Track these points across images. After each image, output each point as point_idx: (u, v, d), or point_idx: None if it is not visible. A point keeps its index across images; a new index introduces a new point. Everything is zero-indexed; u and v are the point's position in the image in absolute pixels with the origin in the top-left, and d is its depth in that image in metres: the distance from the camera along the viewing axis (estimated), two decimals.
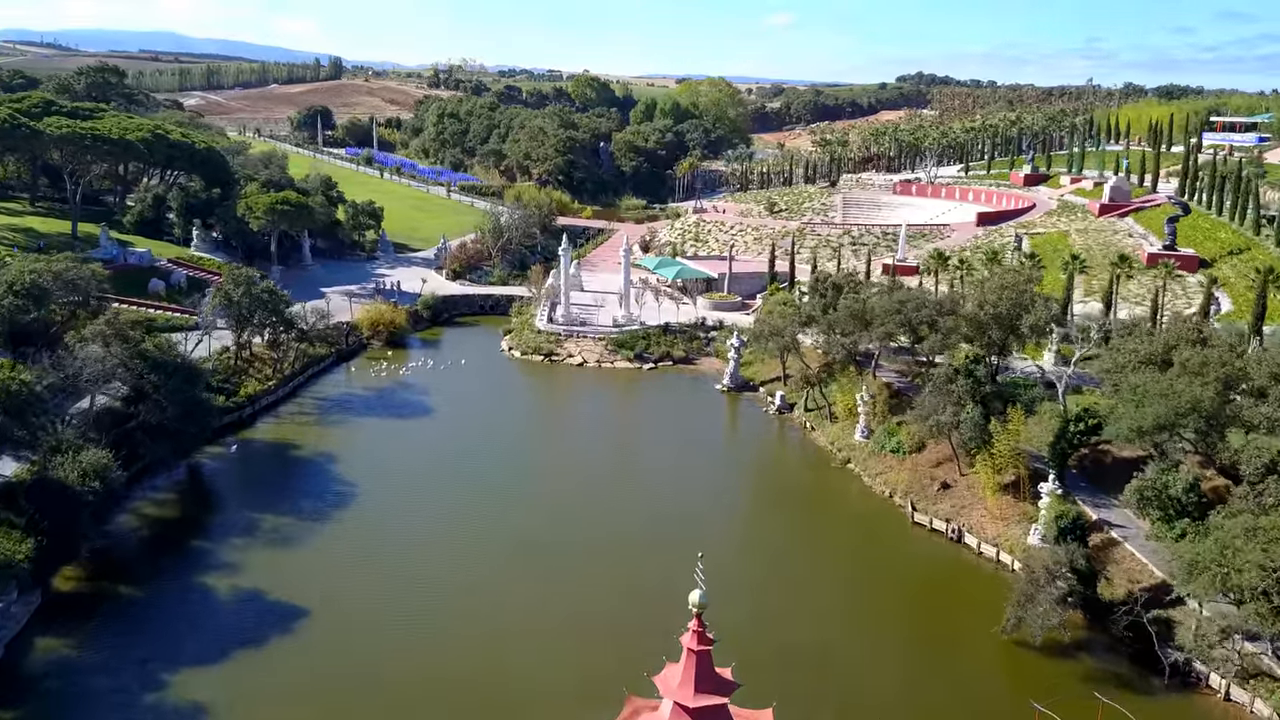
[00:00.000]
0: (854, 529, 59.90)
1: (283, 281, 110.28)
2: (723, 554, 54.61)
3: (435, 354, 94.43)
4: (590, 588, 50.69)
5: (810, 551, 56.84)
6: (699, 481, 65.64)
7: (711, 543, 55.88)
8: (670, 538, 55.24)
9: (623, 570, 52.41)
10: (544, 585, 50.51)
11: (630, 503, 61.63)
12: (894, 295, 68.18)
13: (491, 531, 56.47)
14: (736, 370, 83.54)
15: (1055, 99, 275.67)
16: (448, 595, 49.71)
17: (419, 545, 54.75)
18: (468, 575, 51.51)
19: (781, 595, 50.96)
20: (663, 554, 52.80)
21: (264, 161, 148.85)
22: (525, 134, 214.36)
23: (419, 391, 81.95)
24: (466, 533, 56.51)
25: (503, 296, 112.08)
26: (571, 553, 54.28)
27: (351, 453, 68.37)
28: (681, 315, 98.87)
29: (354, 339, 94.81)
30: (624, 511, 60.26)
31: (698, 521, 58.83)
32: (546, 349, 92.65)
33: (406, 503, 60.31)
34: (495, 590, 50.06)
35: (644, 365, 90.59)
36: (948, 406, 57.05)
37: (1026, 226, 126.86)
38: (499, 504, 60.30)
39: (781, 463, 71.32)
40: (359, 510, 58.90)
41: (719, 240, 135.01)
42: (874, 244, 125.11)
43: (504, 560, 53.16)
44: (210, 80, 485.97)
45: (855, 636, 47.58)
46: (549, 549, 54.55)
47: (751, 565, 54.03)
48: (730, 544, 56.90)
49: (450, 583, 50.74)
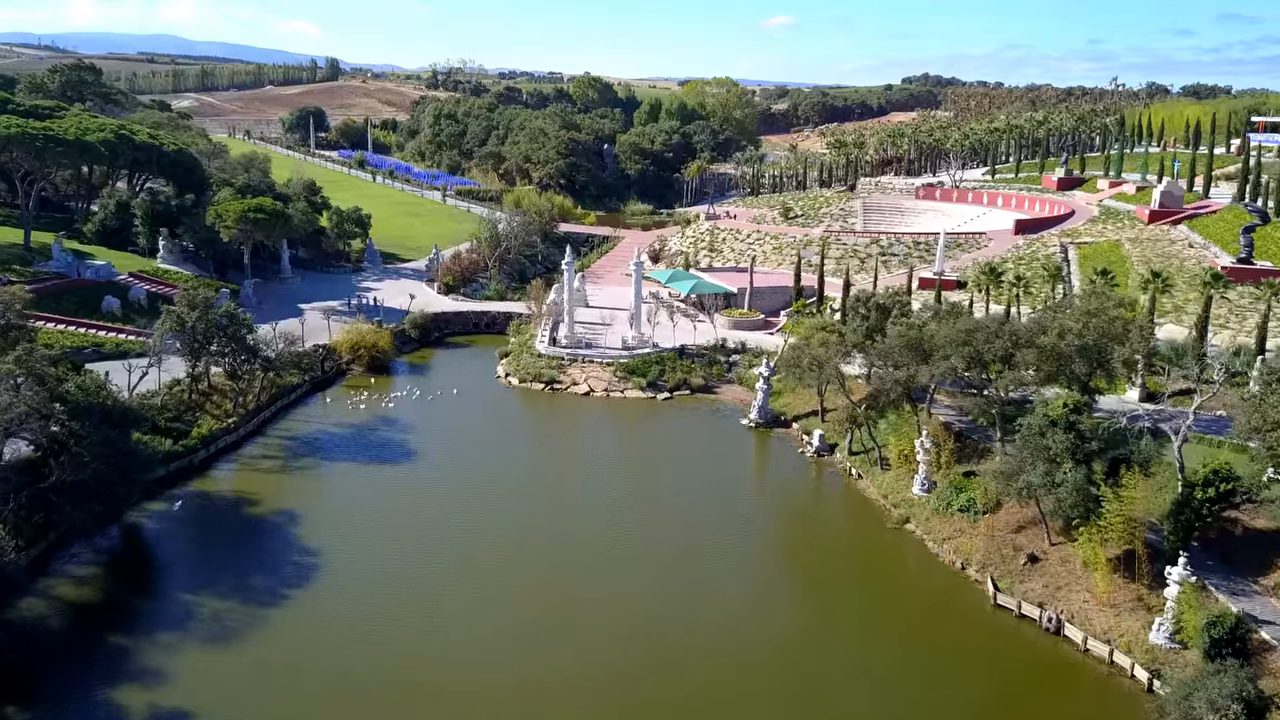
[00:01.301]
0: (920, 608, 49.27)
1: (257, 296, 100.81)
2: (760, 640, 44.19)
3: (423, 381, 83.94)
4: (599, 695, 40.30)
5: (866, 636, 46.19)
6: (727, 545, 55.05)
7: (745, 625, 45.49)
8: (698, 627, 44.90)
9: (640, 673, 41.97)
10: (546, 687, 40.12)
11: (647, 582, 50.96)
12: (958, 323, 57.59)
13: (482, 620, 45.95)
14: (766, 403, 73.04)
15: (1075, 99, 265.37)
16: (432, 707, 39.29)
17: (394, 638, 44.21)
18: (458, 678, 41.07)
19: (834, 692, 40.56)
20: (689, 657, 42.48)
21: (244, 165, 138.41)
22: (525, 135, 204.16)
23: (402, 428, 71.47)
24: (451, 620, 45.96)
25: (499, 314, 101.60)
26: (577, 650, 43.78)
27: (319, 509, 57.90)
28: (699, 335, 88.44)
29: (331, 364, 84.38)
30: (639, 594, 49.70)
31: (725, 598, 48.37)
32: (548, 376, 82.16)
33: (380, 579, 49.73)
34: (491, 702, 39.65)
35: (658, 395, 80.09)
36: (1040, 464, 46.59)
37: (1071, 235, 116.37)
38: (490, 583, 49.74)
39: (825, 520, 60.50)
40: (322, 590, 48.36)
41: (734, 250, 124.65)
42: (905, 254, 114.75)
43: (502, 661, 42.66)
44: (204, 82, 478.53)
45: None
46: (550, 645, 44.09)
47: (796, 654, 43.50)
48: (769, 629, 46.18)
49: (435, 689, 40.28)
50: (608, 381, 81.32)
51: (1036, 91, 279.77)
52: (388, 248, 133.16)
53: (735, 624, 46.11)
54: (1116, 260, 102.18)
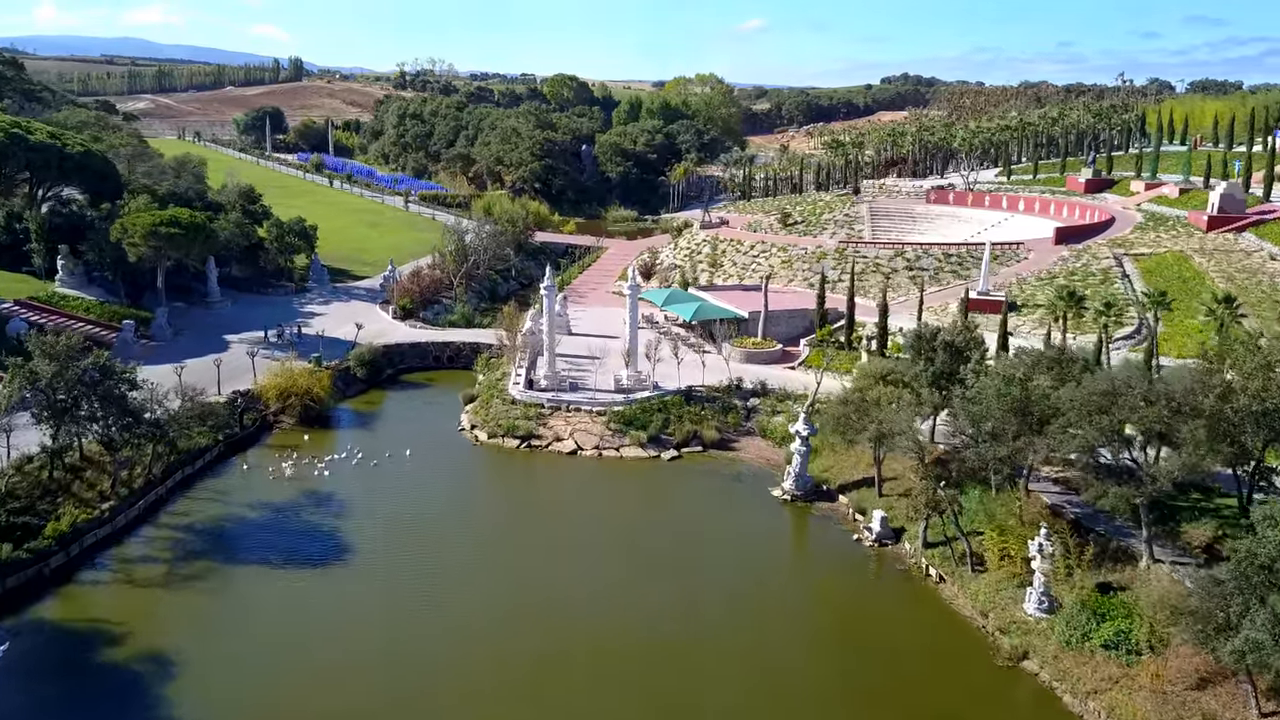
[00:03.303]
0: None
1: (175, 326, 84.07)
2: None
3: (368, 437, 67.52)
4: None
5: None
6: (767, 690, 39.22)
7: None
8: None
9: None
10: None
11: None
12: (1088, 381, 42.04)
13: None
14: (804, 469, 57.27)
15: (1074, 96, 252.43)
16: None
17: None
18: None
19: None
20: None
21: (175, 169, 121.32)
22: (496, 136, 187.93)
23: (336, 510, 55.11)
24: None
25: (464, 345, 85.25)
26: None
27: (208, 647, 41.52)
28: (708, 372, 72.62)
29: (254, 416, 67.89)
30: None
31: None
32: (524, 429, 65.99)
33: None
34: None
35: (662, 454, 64.21)
36: (1260, 611, 31.22)
37: (1123, 245, 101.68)
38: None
39: (903, 648, 43.78)
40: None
41: (737, 264, 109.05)
42: (935, 267, 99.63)
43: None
44: (162, 83, 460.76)
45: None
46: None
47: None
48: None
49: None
50: (599, 436, 65.29)
51: (1034, 89, 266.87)
52: (340, 263, 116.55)
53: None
54: (1190, 276, 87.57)
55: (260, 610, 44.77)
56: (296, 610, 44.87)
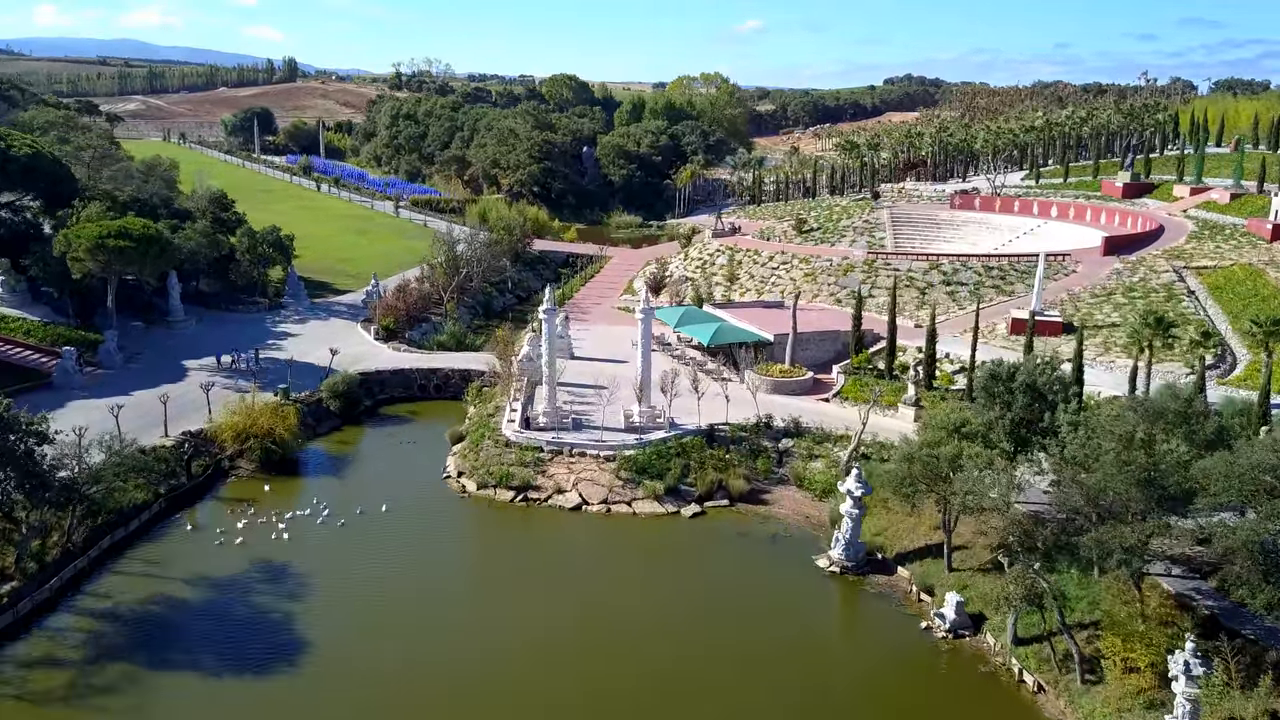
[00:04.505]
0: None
1: (128, 351, 74.65)
2: None
3: (339, 487, 57.98)
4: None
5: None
6: None
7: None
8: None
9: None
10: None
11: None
12: (1245, 452, 32.62)
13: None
14: (856, 534, 47.75)
15: (1093, 96, 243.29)
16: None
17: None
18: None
19: None
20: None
21: (144, 172, 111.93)
22: (493, 137, 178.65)
23: (295, 586, 45.57)
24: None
25: (453, 371, 75.62)
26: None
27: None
28: (732, 406, 62.96)
29: (206, 462, 58.36)
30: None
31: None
32: (520, 478, 56.43)
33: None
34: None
35: (683, 509, 54.71)
36: None
37: (1182, 257, 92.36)
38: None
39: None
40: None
41: (755, 276, 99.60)
42: (975, 281, 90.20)
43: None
44: (153, 84, 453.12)
45: None
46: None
47: None
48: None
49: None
50: (607, 487, 55.74)
51: (1050, 89, 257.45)
52: (321, 275, 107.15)
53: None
54: (1268, 293, 78.20)
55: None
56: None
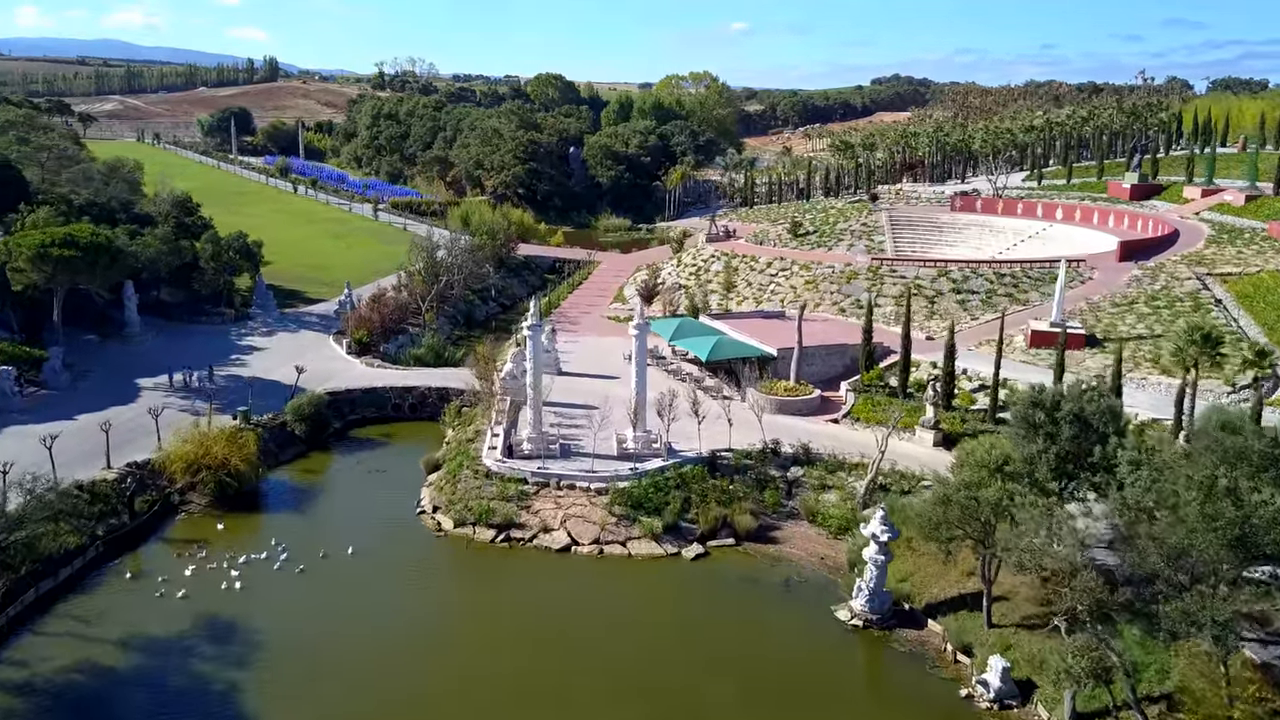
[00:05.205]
0: None
1: (77, 370, 68.63)
2: None
3: (301, 525, 52.18)
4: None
5: None
6: None
7: None
8: None
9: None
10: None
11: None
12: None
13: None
14: (880, 583, 42.27)
15: (1086, 95, 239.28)
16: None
17: None
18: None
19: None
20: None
21: (106, 175, 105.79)
22: (476, 137, 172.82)
23: (245, 648, 39.77)
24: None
25: (430, 390, 69.80)
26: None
27: None
28: (736, 430, 57.37)
29: (153, 496, 52.45)
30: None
31: None
32: (502, 514, 50.73)
33: None
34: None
35: (684, 550, 49.14)
36: None
37: (1203, 263, 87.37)
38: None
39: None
40: None
41: (752, 284, 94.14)
42: (987, 289, 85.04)
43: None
44: (131, 84, 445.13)
45: None
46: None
47: None
48: None
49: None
50: (599, 524, 50.12)
51: (1044, 88, 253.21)
52: (294, 283, 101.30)
53: None
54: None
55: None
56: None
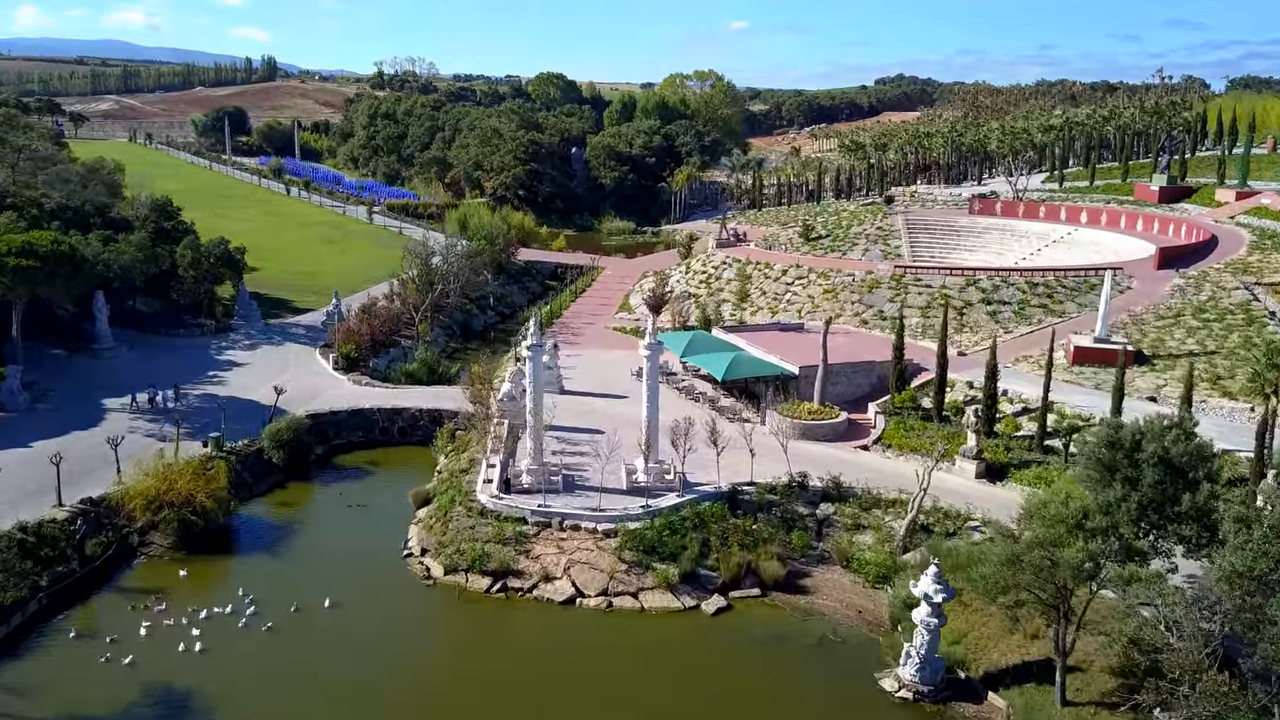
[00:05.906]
0: None
1: (39, 389, 63.08)
2: None
3: (274, 569, 46.60)
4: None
5: None
6: None
7: None
8: None
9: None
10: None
11: None
12: None
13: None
14: (933, 650, 36.73)
15: (1100, 94, 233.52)
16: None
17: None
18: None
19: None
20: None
21: (84, 177, 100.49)
22: (475, 137, 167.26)
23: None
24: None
25: (422, 412, 64.14)
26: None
27: None
28: (758, 459, 51.75)
29: (110, 539, 46.89)
30: None
31: None
32: (498, 560, 45.14)
33: None
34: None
35: (703, 604, 43.55)
36: None
37: (1250, 271, 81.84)
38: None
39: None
40: None
41: (767, 293, 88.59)
42: (1019, 300, 79.47)
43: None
44: (128, 83, 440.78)
45: None
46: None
47: None
48: None
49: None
50: (608, 572, 44.53)
51: (1057, 87, 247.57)
52: (282, 291, 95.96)
53: None
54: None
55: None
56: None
